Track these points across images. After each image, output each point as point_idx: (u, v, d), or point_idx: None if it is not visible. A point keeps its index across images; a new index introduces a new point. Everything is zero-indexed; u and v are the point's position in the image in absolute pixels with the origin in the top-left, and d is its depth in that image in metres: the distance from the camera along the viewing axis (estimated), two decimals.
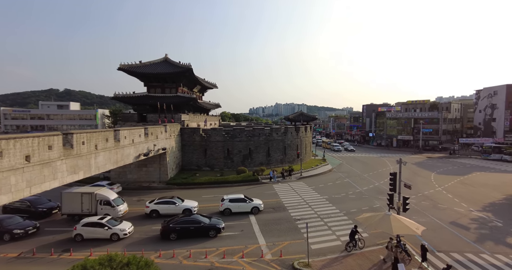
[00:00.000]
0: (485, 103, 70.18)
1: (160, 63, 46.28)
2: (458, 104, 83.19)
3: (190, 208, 23.63)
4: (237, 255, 16.69)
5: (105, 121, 78.11)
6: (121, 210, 22.95)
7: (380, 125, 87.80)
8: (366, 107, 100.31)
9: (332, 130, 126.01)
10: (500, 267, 15.55)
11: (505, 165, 49.22)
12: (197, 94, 56.95)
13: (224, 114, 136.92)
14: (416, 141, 72.92)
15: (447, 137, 74.31)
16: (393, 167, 45.26)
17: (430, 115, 74.23)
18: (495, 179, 38.30)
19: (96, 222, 19.21)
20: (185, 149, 40.95)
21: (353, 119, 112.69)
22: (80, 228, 18.86)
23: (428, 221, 21.99)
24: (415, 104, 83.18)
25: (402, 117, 79.68)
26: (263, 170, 38.51)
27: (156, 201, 23.87)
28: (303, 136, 48.46)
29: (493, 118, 67.43)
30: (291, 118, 58.54)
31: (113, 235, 18.88)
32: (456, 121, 79.10)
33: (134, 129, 25.61)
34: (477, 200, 28.52)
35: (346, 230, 20.38)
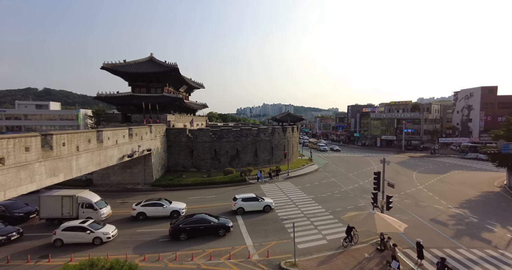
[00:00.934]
0: (462, 105, 73.28)
1: (145, 62, 45.40)
2: (438, 105, 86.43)
3: (178, 210, 23.36)
4: (224, 257, 16.60)
5: (87, 122, 75.65)
6: (104, 213, 22.34)
7: (365, 126, 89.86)
8: (351, 108, 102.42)
9: (318, 131, 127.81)
10: (475, 260, 16.28)
11: (480, 163, 51.58)
12: (183, 94, 56.26)
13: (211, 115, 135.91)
14: (399, 140, 75.15)
15: (428, 137, 77.00)
16: (377, 166, 46.43)
17: (412, 116, 76.71)
18: (471, 177, 40.07)
19: (78, 226, 18.58)
20: (171, 149, 40.34)
21: (339, 120, 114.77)
22: (60, 233, 18.15)
23: (410, 219, 22.70)
24: (398, 105, 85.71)
25: (385, 118, 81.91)
26: (251, 170, 38.52)
27: (143, 203, 23.33)
28: (290, 136, 48.86)
29: (469, 119, 70.49)
30: (278, 119, 58.92)
31: (96, 239, 18.33)
32: (436, 121, 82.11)
33: (118, 130, 24.96)
34: (455, 197, 29.72)
35: (332, 229, 20.77)
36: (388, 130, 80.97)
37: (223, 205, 26.42)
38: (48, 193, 22.51)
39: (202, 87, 61.07)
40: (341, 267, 15.39)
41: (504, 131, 34.05)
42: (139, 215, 22.82)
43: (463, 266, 15.63)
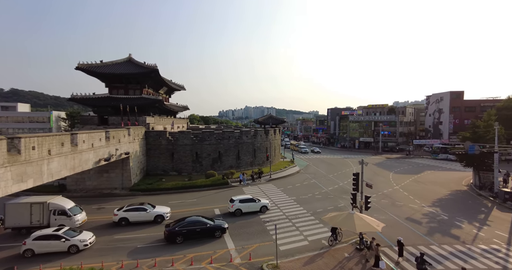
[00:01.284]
0: (434, 108, 77.44)
1: (124, 63, 44.05)
2: (412, 108, 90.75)
3: (162, 214, 22.88)
4: (205, 261, 16.35)
5: (60, 125, 71.93)
6: (78, 220, 21.31)
7: (344, 128, 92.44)
8: (330, 111, 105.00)
9: (300, 133, 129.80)
10: (446, 256, 17.17)
11: (450, 164, 54.62)
12: (163, 96, 55.12)
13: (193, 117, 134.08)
14: (376, 142, 77.97)
15: (403, 139, 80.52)
16: (356, 168, 47.82)
17: (388, 119, 79.95)
18: (442, 177, 42.33)
19: (51, 234, 17.60)
20: (150, 153, 39.27)
21: (319, 123, 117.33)
22: (31, 243, 17.02)
23: (387, 218, 23.55)
24: (375, 108, 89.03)
25: (363, 121, 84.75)
26: (233, 173, 38.32)
27: (125, 208, 22.57)
28: (272, 139, 49.22)
29: (440, 121, 74.59)
30: (260, 121, 59.24)
31: (72, 247, 17.44)
32: (410, 124, 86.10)
33: (94, 132, 23.96)
34: (428, 196, 31.24)
35: (313, 230, 21.09)
36: (366, 132, 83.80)
37: (205, 209, 26.08)
38: (15, 200, 21.16)
39: (183, 89, 60.15)
40: (322, 267, 15.65)
41: (470, 134, 36.37)
42: (121, 220, 22.07)
43: (435, 262, 16.40)
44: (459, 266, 15.75)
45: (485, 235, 20.53)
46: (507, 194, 28.42)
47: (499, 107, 57.20)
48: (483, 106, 66.92)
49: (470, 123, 41.58)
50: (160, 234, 20.07)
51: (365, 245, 17.81)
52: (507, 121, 49.08)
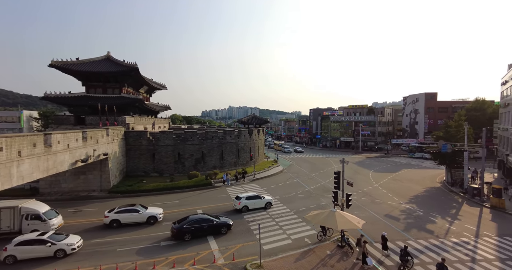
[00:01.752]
0: (410, 109, 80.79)
1: (101, 61, 42.48)
2: (390, 109, 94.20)
3: (155, 215, 22.48)
4: (188, 263, 16.10)
5: (33, 125, 68.11)
6: (54, 224, 20.25)
7: (325, 128, 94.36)
8: (312, 111, 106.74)
9: (283, 133, 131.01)
10: (421, 250, 17.96)
11: (425, 162, 57.24)
12: (144, 95, 53.70)
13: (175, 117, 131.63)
14: (357, 142, 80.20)
15: (382, 138, 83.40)
16: (337, 166, 48.95)
17: (368, 119, 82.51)
18: (418, 174, 44.29)
19: (35, 239, 16.73)
20: (130, 153, 38.13)
21: (302, 123, 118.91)
22: (13, 248, 16.09)
23: (367, 215, 24.29)
24: (355, 109, 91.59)
25: (344, 121, 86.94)
26: (216, 173, 38.01)
27: (117, 210, 21.94)
28: (256, 139, 49.33)
29: (416, 121, 77.95)
30: (244, 121, 59.18)
31: (59, 251, 16.67)
32: (388, 124, 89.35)
33: (69, 133, 22.92)
34: (405, 193, 32.56)
35: (296, 229, 21.35)
36: (347, 132, 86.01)
37: (188, 210, 25.67)
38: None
39: (164, 88, 58.90)
40: (305, 265, 15.88)
41: (443, 133, 38.30)
42: (112, 222, 21.45)
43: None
44: (433, 259, 16.56)
45: (456, 229, 21.70)
46: (475, 190, 30.21)
47: (468, 108, 60.70)
48: (454, 107, 70.66)
49: (443, 123, 43.85)
50: (155, 234, 19.96)
51: (347, 242, 18.25)
52: (475, 122, 52.13)
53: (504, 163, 37.68)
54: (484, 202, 28.55)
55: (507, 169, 35.80)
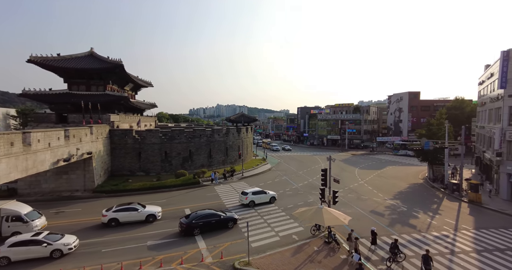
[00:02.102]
0: (395, 107, 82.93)
1: (85, 57, 41.11)
2: (375, 107, 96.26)
3: (154, 213, 22.48)
4: (176, 262, 15.95)
5: (10, 123, 65.17)
6: (37, 226, 19.64)
7: (313, 126, 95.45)
8: (300, 110, 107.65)
9: (271, 131, 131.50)
10: (404, 244, 18.56)
11: (409, 159, 59.04)
12: (129, 93, 52.51)
13: (161, 115, 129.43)
14: (343, 140, 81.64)
15: (367, 136, 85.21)
16: (324, 164, 49.63)
17: (354, 117, 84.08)
18: (402, 171, 45.64)
19: (30, 239, 16.42)
20: (115, 152, 37.24)
21: (290, 121, 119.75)
22: (7, 250, 15.75)
23: (354, 212, 24.83)
24: (342, 107, 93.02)
25: (331, 119, 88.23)
26: (204, 172, 37.74)
27: (115, 209, 21.74)
28: (244, 137, 49.28)
29: (400, 120, 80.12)
30: (232, 120, 58.92)
31: (55, 251, 16.45)
32: (374, 122, 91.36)
33: (51, 131, 22.11)
34: (390, 190, 33.49)
35: (284, 226, 21.56)
36: (333, 130, 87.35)
37: (176, 209, 25.41)
38: None
39: (150, 86, 57.80)
40: (293, 262, 16.08)
41: (425, 131, 39.59)
42: (111, 221, 21.23)
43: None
44: (416, 253, 17.18)
45: (437, 223, 22.55)
46: (455, 185, 31.47)
47: (449, 107, 62.97)
48: (436, 106, 73.09)
49: (425, 122, 45.23)
50: (152, 233, 20.19)
51: (333, 238, 18.59)
52: (455, 120, 54.18)
53: (481, 159, 39.42)
54: (463, 197, 29.79)
55: (484, 165, 37.47)
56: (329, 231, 19.00)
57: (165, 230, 20.73)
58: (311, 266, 15.52)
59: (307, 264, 15.78)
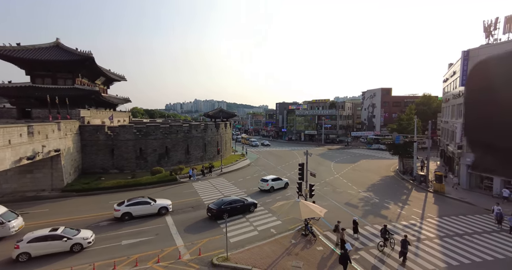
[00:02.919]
0: (368, 103, 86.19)
1: (50, 48, 38.42)
2: (350, 103, 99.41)
3: (166, 206, 23.20)
4: (152, 261, 15.61)
5: None
6: (14, 226, 18.69)
7: (291, 122, 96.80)
8: (279, 105, 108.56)
9: (250, 127, 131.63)
10: (377, 234, 19.51)
11: (381, 153, 61.85)
12: (100, 87, 49.99)
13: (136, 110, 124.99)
14: (320, 135, 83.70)
15: (342, 131, 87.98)
16: (302, 159, 50.61)
17: (330, 113, 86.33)
18: (375, 164, 47.76)
19: (49, 234, 16.51)
20: (86, 149, 35.42)
21: (268, 116, 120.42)
22: (26, 245, 15.64)
23: (329, 204, 25.65)
24: (318, 103, 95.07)
25: (308, 115, 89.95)
26: (182, 168, 37.02)
27: (127, 203, 22.04)
28: (223, 132, 48.88)
29: (373, 115, 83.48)
30: (210, 115, 58.15)
31: (75, 245, 16.75)
32: (349, 117, 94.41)
33: (11, 127, 20.51)
34: (363, 182, 34.95)
35: (263, 220, 21.80)
36: (311, 125, 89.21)
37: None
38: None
39: (123, 80, 55.40)
40: (271, 255, 16.35)
41: (396, 126, 41.61)
42: (124, 215, 21.57)
43: (367, 240, 18.55)
44: None
45: (406, 213, 23.93)
46: (422, 177, 33.52)
47: (417, 103, 66.56)
48: (406, 102, 76.87)
49: (397, 117, 47.58)
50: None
51: (310, 230, 19.10)
52: (423, 115, 57.43)
53: (445, 152, 42.27)
54: (429, 187, 31.84)
55: (447, 157, 40.23)
56: (305, 223, 19.49)
57: (140, 228, 20.20)
58: (289, 259, 15.88)
59: (285, 257, 16.12)
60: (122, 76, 55.21)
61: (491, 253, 16.79)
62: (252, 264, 15.28)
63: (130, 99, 59.95)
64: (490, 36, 31.33)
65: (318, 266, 15.29)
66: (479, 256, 16.43)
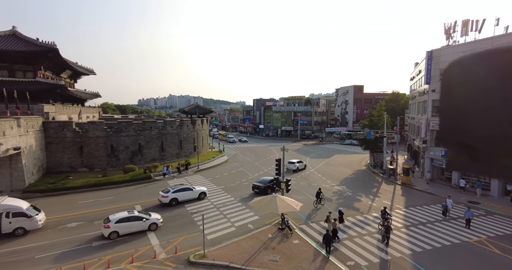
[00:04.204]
0: (342, 100, 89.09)
1: (5, 37, 35.23)
2: (324, 100, 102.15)
3: (204, 191, 26.47)
4: (126, 261, 15.10)
5: None
6: (40, 220, 19.30)
7: (268, 118, 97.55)
8: (256, 102, 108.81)
9: (228, 123, 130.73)
10: (349, 226, 20.43)
11: (354, 148, 64.37)
12: (67, 80, 46.89)
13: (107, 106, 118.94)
14: (296, 131, 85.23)
15: (317, 127, 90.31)
16: (279, 154, 51.32)
17: (305, 109, 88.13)
18: (347, 159, 49.68)
19: (130, 216, 18.88)
20: (51, 147, 33.16)
21: (246, 113, 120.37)
22: (115, 226, 18.04)
23: (305, 198, 26.31)
24: (295, 100, 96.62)
25: (284, 111, 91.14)
26: (156, 166, 35.94)
27: (173, 190, 24.89)
28: (199, 129, 48.06)
29: (346, 111, 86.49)
30: (186, 111, 56.79)
31: (152, 225, 19.28)
32: (323, 114, 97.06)
33: None
34: (337, 176, 36.25)
35: (240, 216, 21.90)
36: (287, 122, 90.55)
37: (125, 206, 23.83)
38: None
39: (92, 73, 52.39)
40: (248, 250, 16.50)
41: (367, 122, 43.49)
42: (172, 201, 24.35)
43: (341, 232, 19.32)
44: (359, 233, 19.04)
45: (376, 205, 25.22)
46: (391, 170, 35.47)
47: (387, 99, 70.05)
48: (377, 99, 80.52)
49: (368, 113, 49.68)
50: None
51: (286, 224, 19.48)
52: (392, 111, 60.64)
53: (411, 146, 45.00)
54: (397, 180, 33.78)
55: (414, 151, 42.88)
56: (282, 218, 19.85)
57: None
58: (266, 253, 16.13)
59: (262, 251, 16.34)
60: (91, 69, 52.16)
61: (449, 238, 18.26)
62: (229, 260, 15.32)
63: (100, 95, 56.90)
64: (450, 38, 33.57)
65: (294, 259, 15.68)
66: (439, 241, 17.82)
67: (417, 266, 14.99)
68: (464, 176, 29.59)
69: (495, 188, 27.29)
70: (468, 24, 31.13)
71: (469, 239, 18.15)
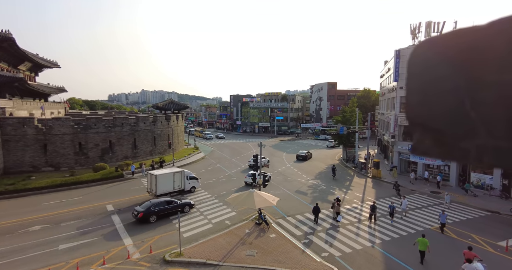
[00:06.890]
0: (316, 96, 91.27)
1: None
2: (300, 96, 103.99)
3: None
4: (97, 263, 14.45)
5: None
6: (199, 182, 28.28)
7: (245, 114, 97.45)
8: (233, 98, 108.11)
9: (204, 119, 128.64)
10: (323, 218, 21.14)
11: (328, 143, 66.40)
12: (26, 73, 43.36)
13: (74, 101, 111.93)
14: (272, 127, 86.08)
15: (293, 123, 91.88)
16: (256, 150, 51.57)
17: (282, 105, 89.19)
18: (322, 154, 51.17)
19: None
20: (10, 145, 30.63)
21: (223, 109, 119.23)
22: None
23: (281, 193, 26.76)
24: (271, 96, 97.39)
25: (261, 107, 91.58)
26: (129, 164, 34.55)
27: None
28: (174, 125, 46.84)
29: (321, 108, 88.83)
30: (160, 107, 54.94)
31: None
32: (299, 110, 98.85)
33: None
34: (312, 171, 37.24)
35: (217, 213, 21.81)
36: (264, 118, 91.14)
37: (95, 206, 22.76)
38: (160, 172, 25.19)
39: (56, 66, 48.88)
40: (225, 246, 16.49)
41: (340, 118, 45.02)
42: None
43: (315, 224, 19.96)
44: (333, 225, 19.77)
45: (349, 197, 26.32)
46: (362, 164, 37.12)
47: (359, 96, 72.90)
48: (349, 95, 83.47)
49: (341, 109, 51.34)
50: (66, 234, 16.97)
51: (263, 219, 19.71)
52: (363, 107, 63.26)
53: (381, 141, 47.35)
54: (368, 173, 35.43)
55: (383, 145, 45.17)
56: (259, 213, 20.04)
57: (81, 230, 18.47)
58: (243, 249, 16.23)
59: (239, 247, 16.42)
60: (54, 62, 48.58)
61: (414, 227, 19.58)
62: (206, 257, 15.23)
63: (65, 89, 53.35)
64: (415, 38, 35.54)
65: (271, 252, 15.94)
66: (405, 230, 19.05)
67: (385, 254, 15.92)
68: (428, 168, 31.74)
69: (453, 179, 29.63)
70: (431, 25, 33.13)
71: (430, 226, 19.60)
